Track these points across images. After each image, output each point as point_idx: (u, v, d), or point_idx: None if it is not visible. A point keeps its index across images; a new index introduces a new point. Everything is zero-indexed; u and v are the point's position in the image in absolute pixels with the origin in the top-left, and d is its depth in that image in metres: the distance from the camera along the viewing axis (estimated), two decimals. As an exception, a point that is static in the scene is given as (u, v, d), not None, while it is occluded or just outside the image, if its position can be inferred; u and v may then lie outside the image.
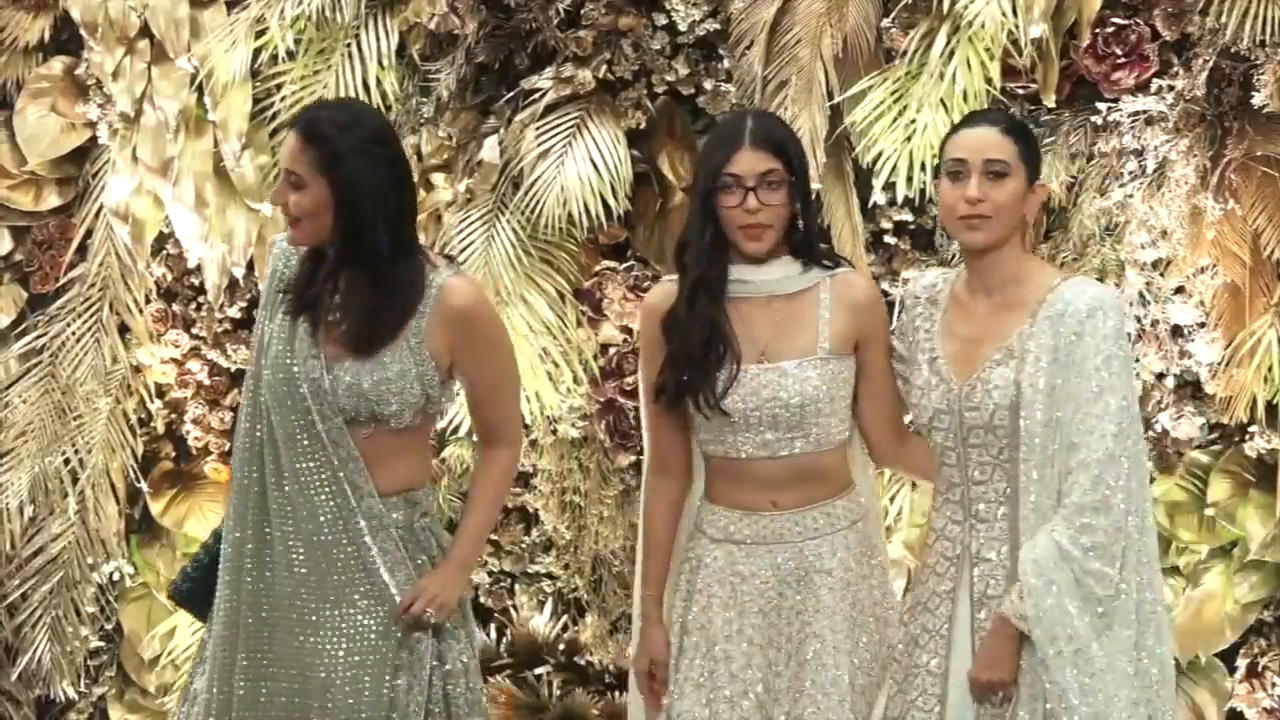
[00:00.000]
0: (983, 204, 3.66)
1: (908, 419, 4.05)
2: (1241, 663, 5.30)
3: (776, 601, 3.93)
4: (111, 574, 6.55)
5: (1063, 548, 3.55)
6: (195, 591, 4.23)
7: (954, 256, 5.24)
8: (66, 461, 6.48)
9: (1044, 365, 3.63)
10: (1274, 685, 5.25)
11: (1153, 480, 4.74)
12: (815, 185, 5.08)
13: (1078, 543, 3.55)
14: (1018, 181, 3.70)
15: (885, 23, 5.43)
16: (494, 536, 6.04)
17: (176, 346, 6.48)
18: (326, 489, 3.96)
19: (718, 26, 5.64)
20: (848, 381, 3.94)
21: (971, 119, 3.86)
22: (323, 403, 3.92)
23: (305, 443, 3.96)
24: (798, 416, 3.86)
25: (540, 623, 6.07)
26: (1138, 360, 5.03)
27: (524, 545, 6.11)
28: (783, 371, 3.86)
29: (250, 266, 6.24)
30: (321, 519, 3.96)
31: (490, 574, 6.12)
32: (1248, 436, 5.23)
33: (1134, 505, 3.61)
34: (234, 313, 6.37)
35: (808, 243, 3.96)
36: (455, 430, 5.83)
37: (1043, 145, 4.62)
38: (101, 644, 6.66)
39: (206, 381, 6.44)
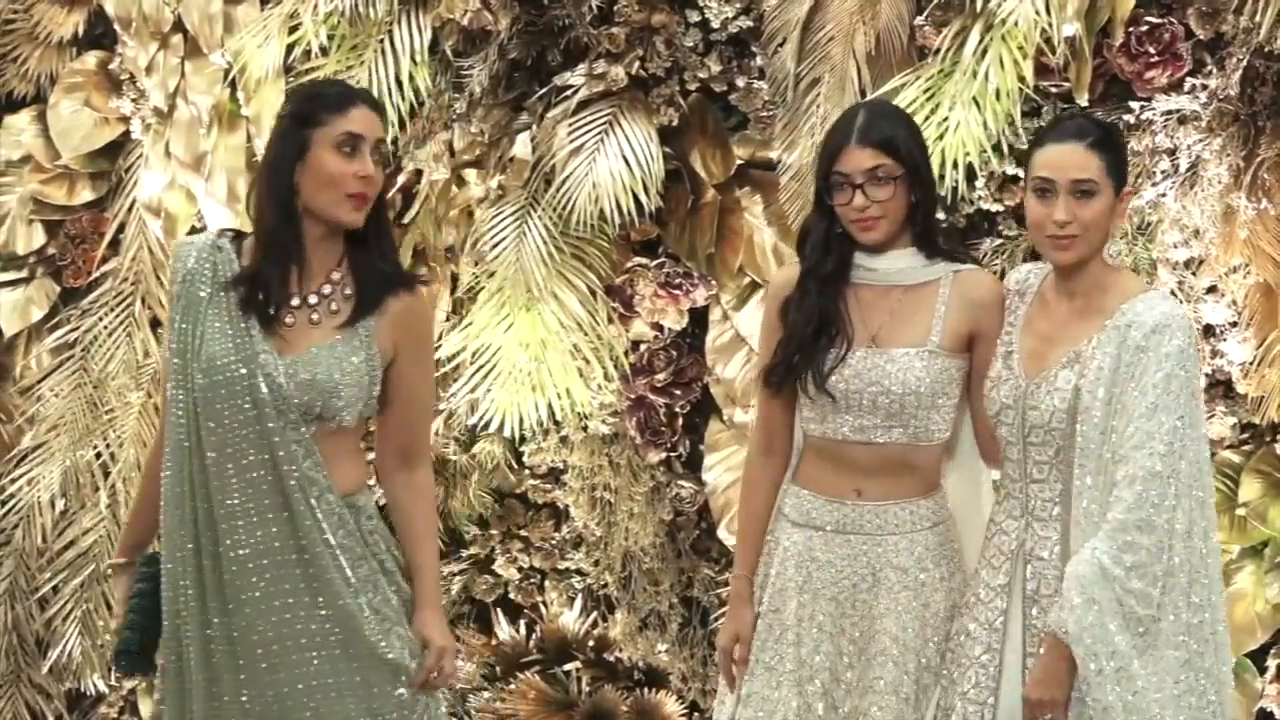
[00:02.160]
0: (1071, 225, 3.63)
1: None
2: (1272, 663, 5.24)
3: (850, 592, 3.91)
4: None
5: (1104, 566, 3.50)
6: (144, 643, 3.91)
7: (984, 255, 5.23)
8: (98, 455, 6.42)
9: (1105, 374, 3.59)
10: None
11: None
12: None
13: (1119, 561, 3.50)
14: (1105, 197, 3.67)
15: (918, 20, 5.39)
16: (524, 532, 6.04)
17: (207, 341, 6.38)
18: (278, 493, 3.73)
19: (750, 24, 5.60)
20: (955, 379, 3.91)
21: (1057, 131, 3.77)
22: (278, 399, 3.72)
23: (251, 447, 3.73)
24: (898, 405, 3.83)
25: (570, 619, 6.02)
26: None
27: (554, 541, 6.07)
28: (890, 358, 3.84)
29: None
30: (274, 528, 3.74)
31: (520, 570, 6.09)
32: (1279, 436, 5.18)
33: (1191, 526, 3.55)
34: None
35: (927, 235, 3.93)
36: (486, 425, 5.84)
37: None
38: (132, 637, 6.59)
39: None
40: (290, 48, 6.05)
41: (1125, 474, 3.52)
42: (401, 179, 5.99)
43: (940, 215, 5.31)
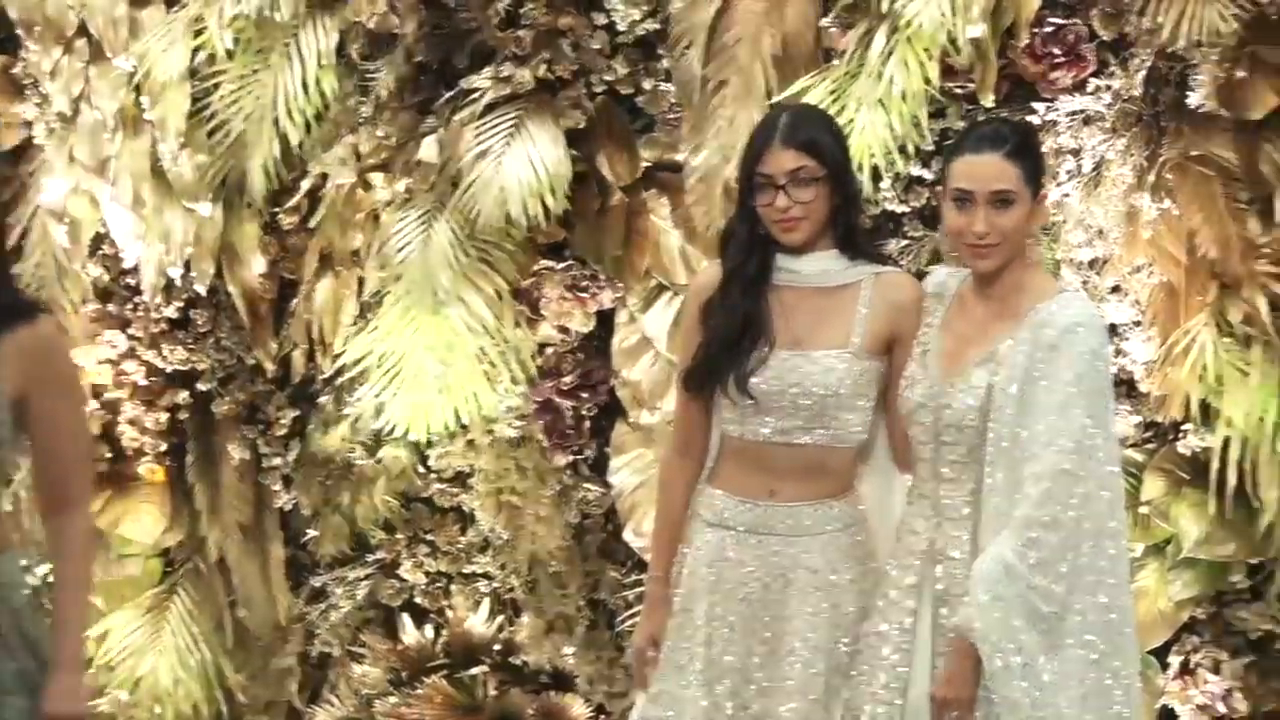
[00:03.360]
0: (990, 234, 3.60)
1: None
2: (1174, 660, 5.19)
3: (761, 593, 3.85)
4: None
5: (1009, 562, 3.45)
6: None
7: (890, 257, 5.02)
8: (1, 461, 6.23)
9: (1018, 373, 3.55)
10: (1206, 682, 5.16)
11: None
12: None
13: (1024, 557, 3.45)
14: (1024, 204, 3.62)
15: (824, 22, 5.35)
16: (430, 536, 6.02)
17: (113, 347, 6.36)
18: None
19: (657, 26, 5.55)
20: (874, 382, 3.86)
21: (974, 140, 3.71)
22: None
23: None
24: (819, 406, 3.78)
25: (476, 623, 5.98)
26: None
27: (460, 545, 6.04)
28: (811, 359, 3.79)
29: (188, 266, 6.16)
30: None
31: (426, 574, 6.05)
32: (1181, 435, 5.13)
33: (1100, 526, 3.52)
34: (170, 313, 6.28)
35: (849, 237, 3.87)
36: (392, 429, 5.80)
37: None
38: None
39: (143, 382, 6.33)
40: (195, 51, 6.01)
41: (1033, 471, 3.48)
42: (307, 183, 5.98)
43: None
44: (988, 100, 5.16)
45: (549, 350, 5.79)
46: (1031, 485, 3.48)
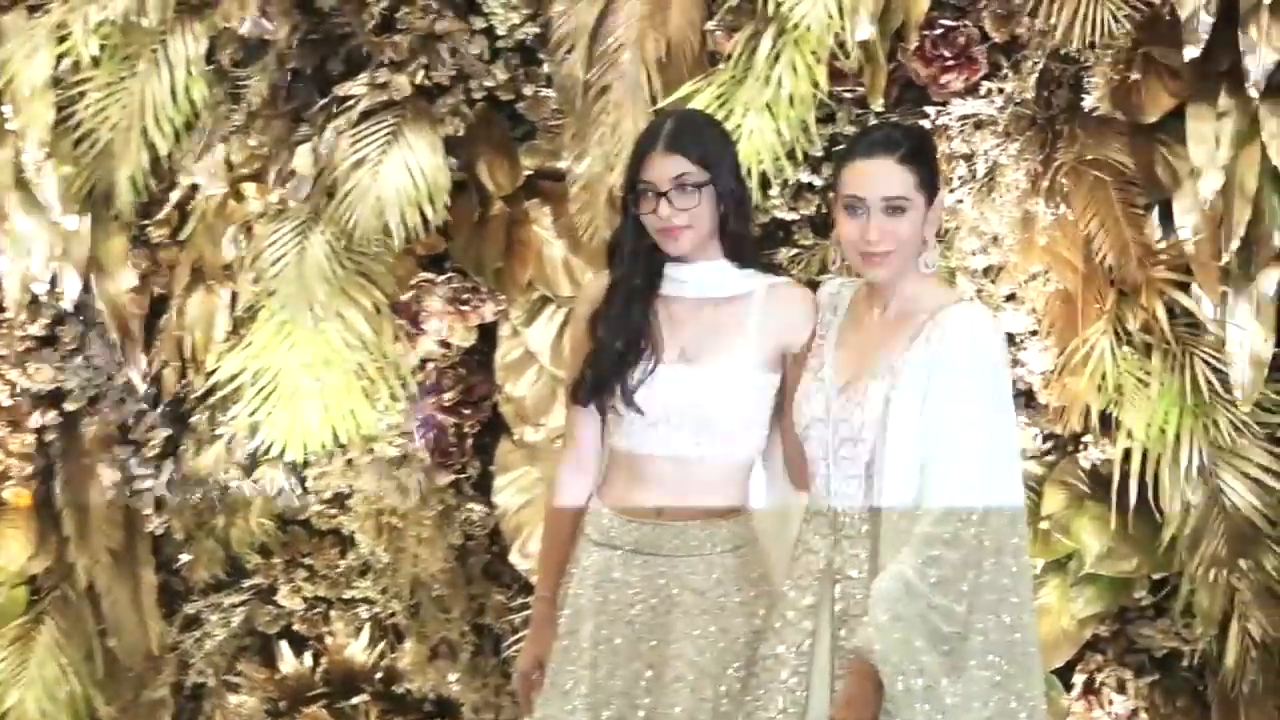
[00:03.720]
0: (883, 242, 3.54)
1: None
2: (1078, 679, 5.17)
3: (647, 615, 3.80)
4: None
5: (909, 581, 3.40)
6: None
7: (779, 265, 5.03)
8: None
9: (916, 386, 3.50)
10: (1111, 702, 5.13)
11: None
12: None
13: (924, 576, 3.39)
14: (918, 211, 3.56)
15: (709, 25, 5.26)
16: (308, 560, 5.94)
17: (-25, 366, 6.11)
18: None
19: (537, 30, 5.48)
20: (766, 396, 3.81)
21: (866, 145, 3.63)
22: None
23: None
24: (707, 421, 3.74)
25: (357, 649, 5.89)
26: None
27: (339, 569, 5.94)
28: (699, 373, 3.74)
29: (54, 281, 5.98)
30: None
31: (305, 599, 5.97)
32: (1082, 447, 5.10)
33: (1001, 543, 3.46)
34: (36, 330, 6.09)
35: (738, 246, 3.81)
36: (268, 449, 5.70)
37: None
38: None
39: (7, 402, 6.13)
40: (60, 59, 5.81)
41: (933, 488, 3.45)
42: (177, 194, 5.87)
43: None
44: (877, 104, 5.11)
45: (430, 365, 5.68)
46: (931, 502, 3.44)
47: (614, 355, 3.78)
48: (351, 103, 5.58)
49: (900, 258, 3.57)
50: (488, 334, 5.70)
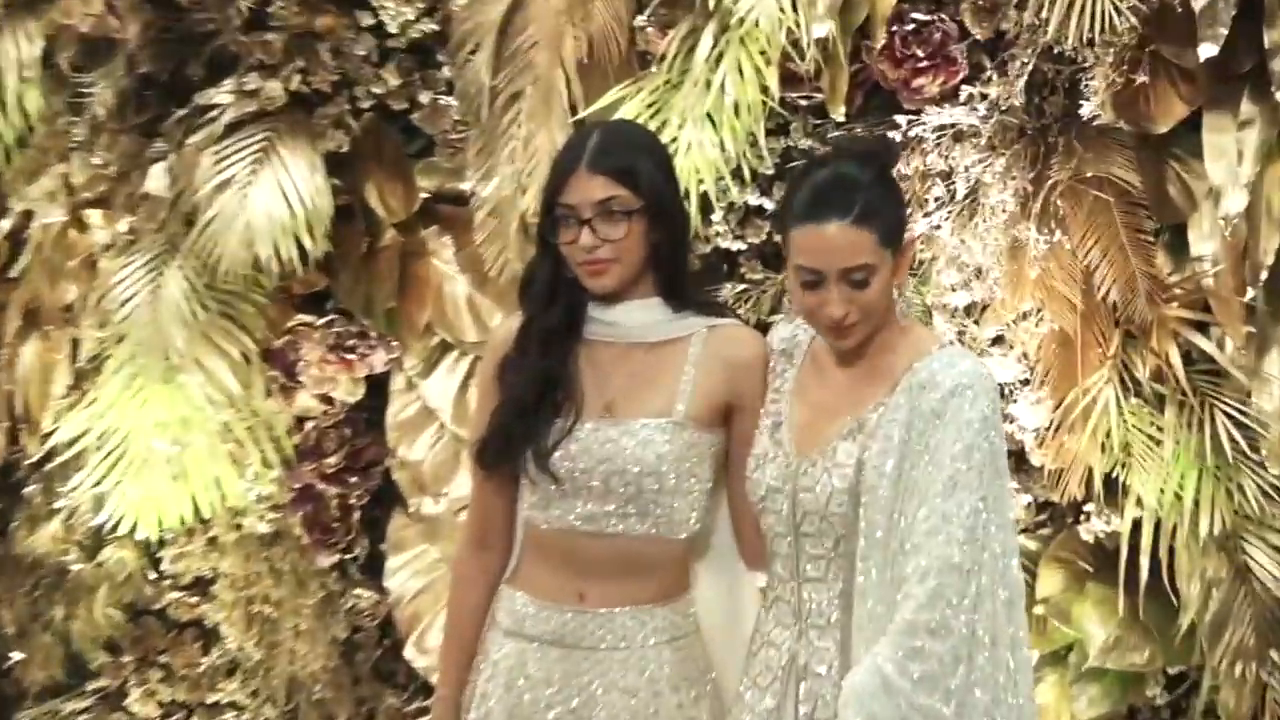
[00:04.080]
0: (849, 314, 3.31)
1: None
2: None
3: (567, 719, 3.57)
4: None
5: (887, 676, 3.15)
6: None
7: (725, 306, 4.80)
8: None
9: (894, 447, 3.27)
10: None
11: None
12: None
13: (906, 671, 3.14)
14: (884, 269, 3.33)
15: (639, 21, 5.07)
16: (164, 658, 5.77)
17: None
18: None
19: (435, 27, 5.29)
20: (707, 458, 3.55)
21: (814, 205, 3.34)
22: None
23: None
24: (635, 489, 3.48)
25: None
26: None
27: (202, 668, 5.71)
28: (627, 431, 3.50)
29: None
30: None
31: (160, 705, 5.79)
32: (1083, 517, 4.87)
33: (996, 632, 3.23)
34: None
35: (674, 282, 3.59)
36: (115, 526, 5.43)
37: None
38: None
39: None
40: None
41: (917, 567, 3.18)
42: (8, 223, 5.78)
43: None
44: (838, 113, 4.91)
45: (309, 425, 5.47)
46: (916, 584, 3.18)
47: (526, 411, 3.56)
48: (215, 113, 5.39)
49: (869, 323, 3.35)
50: (378, 387, 5.50)
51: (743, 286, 5.02)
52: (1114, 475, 4.77)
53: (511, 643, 3.58)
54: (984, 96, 4.85)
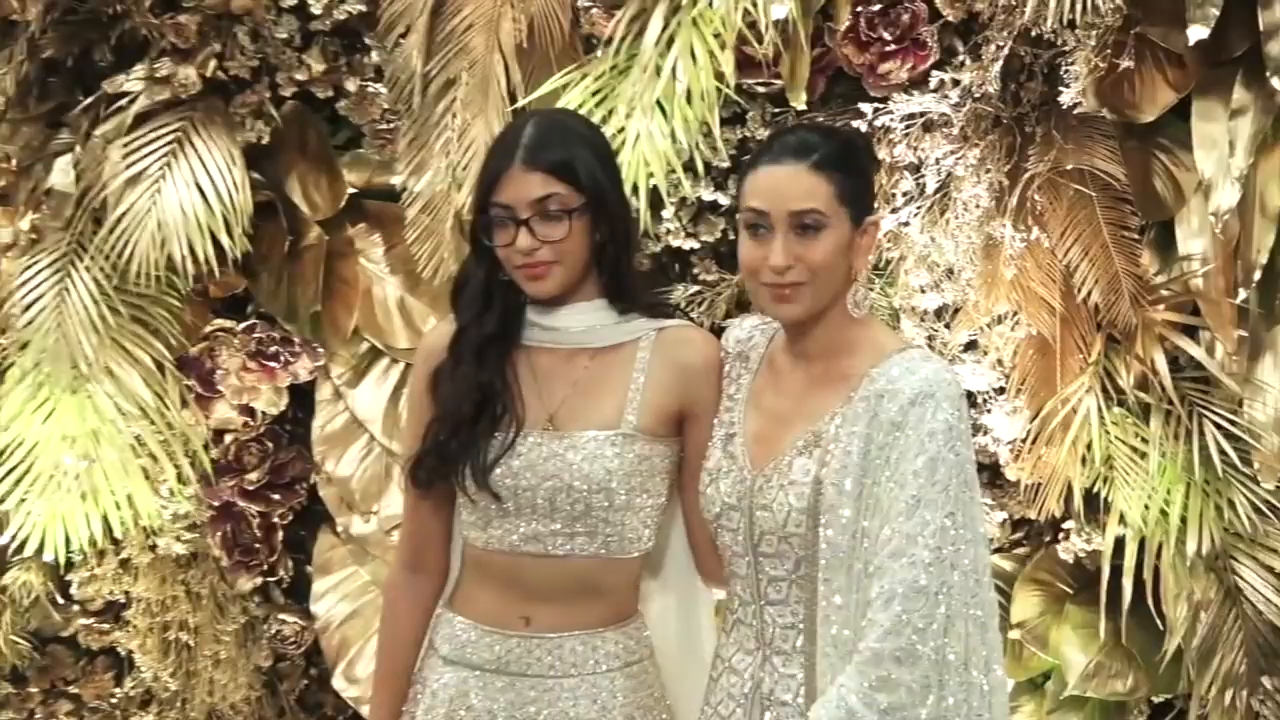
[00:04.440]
0: (792, 270, 3.23)
1: None
2: None
3: None
4: None
5: (852, 709, 3.07)
6: None
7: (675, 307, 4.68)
8: None
9: (854, 461, 3.19)
10: None
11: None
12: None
13: (873, 702, 3.07)
14: (838, 230, 3.23)
15: (583, 1, 4.98)
16: (73, 688, 5.60)
17: None
18: None
19: (363, 8, 5.15)
20: (660, 471, 3.46)
21: (774, 149, 3.34)
22: None
23: None
24: (583, 506, 3.39)
25: None
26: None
27: (114, 699, 5.57)
28: (573, 444, 3.41)
29: None
30: None
31: None
32: (1062, 535, 4.83)
33: (968, 656, 3.15)
34: None
35: (619, 283, 3.50)
36: (20, 547, 5.23)
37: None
38: None
39: None
40: None
41: (880, 591, 3.10)
42: None
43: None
44: (799, 101, 4.85)
45: (228, 438, 5.35)
46: (880, 609, 3.10)
47: (462, 425, 3.45)
48: (124, 102, 5.23)
49: (815, 291, 3.25)
50: (302, 398, 5.41)
51: (696, 288, 4.96)
52: (1095, 490, 4.75)
53: (451, 671, 3.50)
54: (956, 83, 4.80)
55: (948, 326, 4.80)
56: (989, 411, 4.80)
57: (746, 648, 3.37)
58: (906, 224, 4.76)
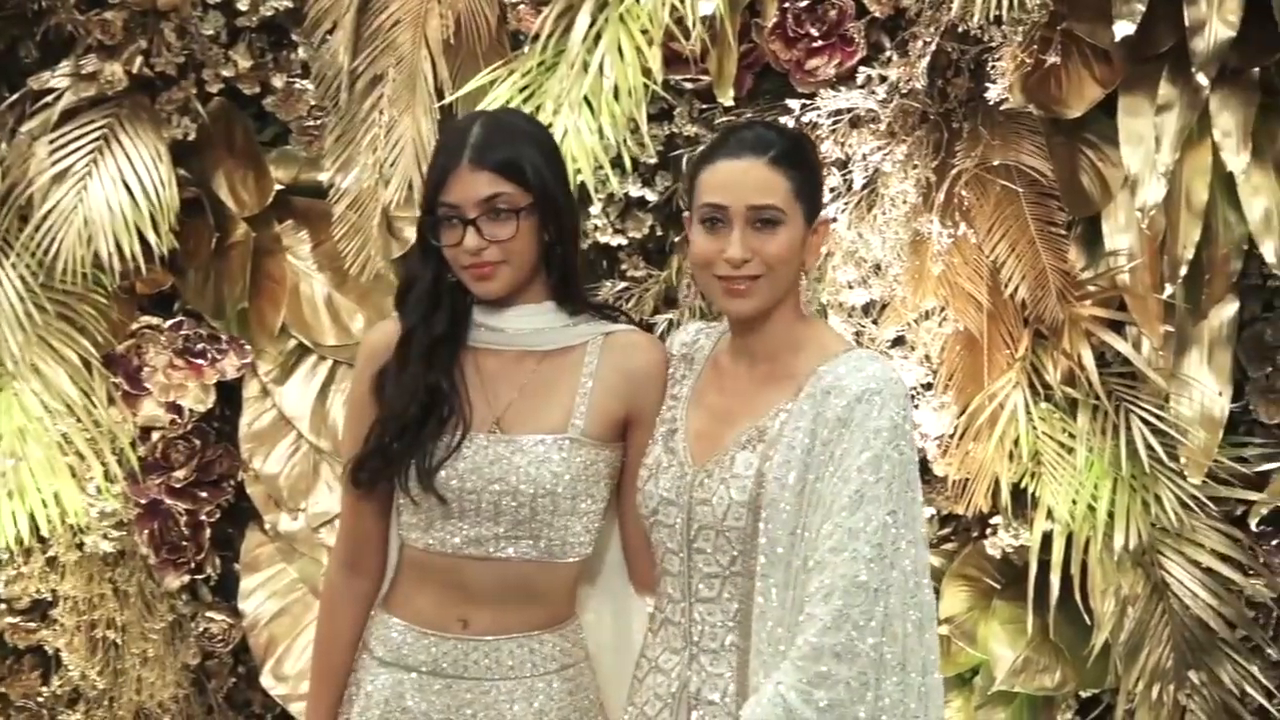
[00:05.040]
0: (749, 263, 3.23)
1: None
2: None
3: None
4: None
5: (790, 705, 3.04)
6: None
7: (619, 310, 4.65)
8: None
9: (797, 456, 3.17)
10: None
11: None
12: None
13: (810, 699, 3.04)
14: (793, 227, 3.23)
15: None
16: (1, 688, 5.54)
17: None
18: None
19: (289, 4, 5.09)
20: (603, 477, 3.45)
21: (731, 144, 3.33)
22: None
23: None
24: (528, 510, 3.37)
25: None
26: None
27: (41, 698, 5.50)
28: (519, 448, 3.39)
29: None
30: None
31: None
32: (990, 531, 4.78)
33: (906, 655, 3.13)
34: None
35: (567, 285, 3.49)
36: None
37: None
38: None
39: None
40: None
41: (820, 585, 3.08)
42: None
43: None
44: (727, 97, 4.80)
45: (155, 435, 5.27)
46: (819, 604, 3.08)
47: (409, 426, 3.42)
48: (50, 98, 5.18)
49: (770, 286, 3.24)
50: (230, 395, 5.36)
51: (623, 285, 4.92)
52: (1022, 486, 4.71)
53: (387, 673, 3.48)
54: (883, 79, 4.75)
55: (875, 322, 4.79)
56: (917, 407, 4.76)
57: (673, 647, 3.34)
58: (834, 220, 4.70)
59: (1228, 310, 4.58)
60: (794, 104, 4.73)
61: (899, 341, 4.80)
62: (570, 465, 3.39)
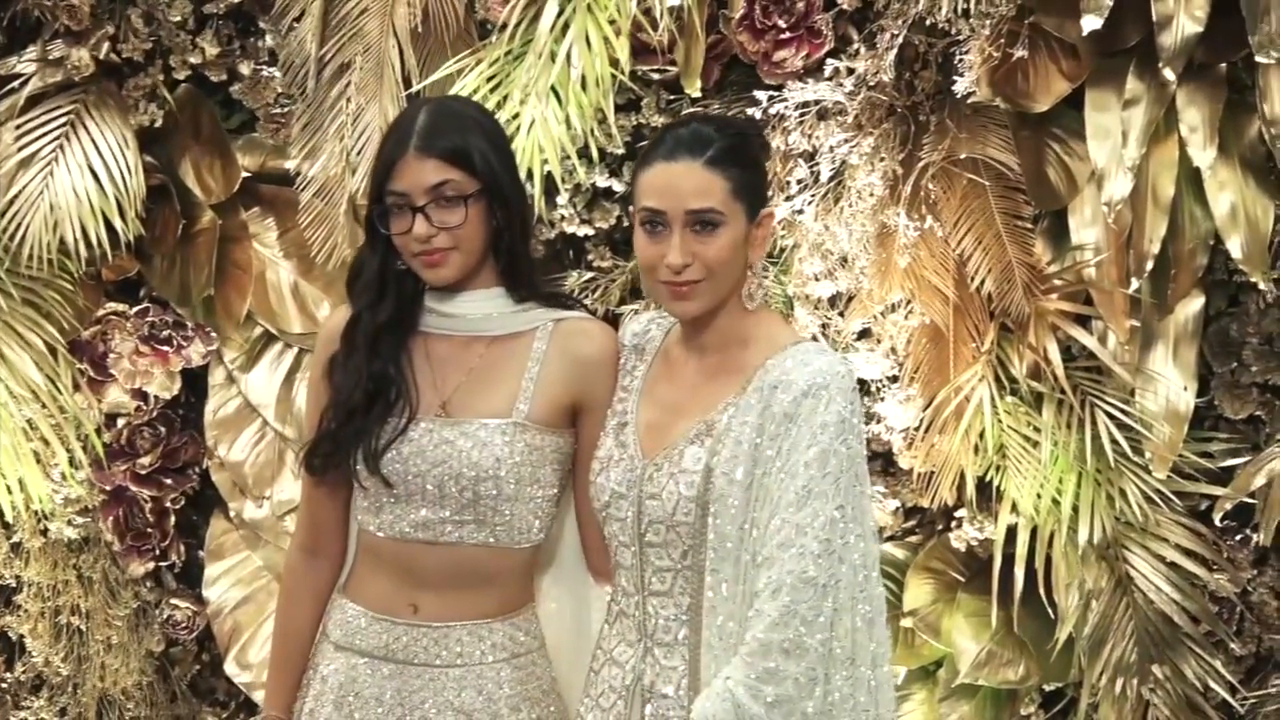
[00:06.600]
0: (690, 268, 3.19)
1: None
2: None
3: None
4: None
5: (739, 701, 3.03)
6: None
7: (569, 294, 4.68)
8: None
9: (745, 451, 3.15)
10: None
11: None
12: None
13: (759, 695, 3.02)
14: (735, 226, 3.19)
15: None
16: None
17: None
18: None
19: None
20: (552, 463, 3.42)
21: (667, 144, 3.27)
22: None
23: None
24: (472, 494, 3.34)
25: None
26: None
27: (5, 684, 5.41)
28: (463, 431, 3.37)
29: None
30: None
31: None
32: (954, 524, 4.73)
33: (855, 650, 3.12)
34: None
35: (516, 270, 3.47)
36: None
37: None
38: None
39: None
40: None
41: (769, 581, 3.06)
42: None
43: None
44: (694, 88, 4.72)
45: (120, 422, 5.19)
46: (768, 600, 3.06)
47: (355, 411, 3.40)
48: (17, 84, 5.09)
49: (714, 288, 3.22)
50: (195, 382, 5.27)
51: (590, 275, 4.85)
52: (988, 479, 4.66)
53: (342, 657, 3.45)
54: (850, 71, 4.67)
55: (841, 314, 4.72)
56: (882, 400, 4.72)
57: (628, 639, 3.32)
58: (801, 212, 4.64)
59: (1193, 305, 4.53)
60: (761, 96, 4.66)
61: (865, 334, 4.74)
62: (514, 450, 3.35)
